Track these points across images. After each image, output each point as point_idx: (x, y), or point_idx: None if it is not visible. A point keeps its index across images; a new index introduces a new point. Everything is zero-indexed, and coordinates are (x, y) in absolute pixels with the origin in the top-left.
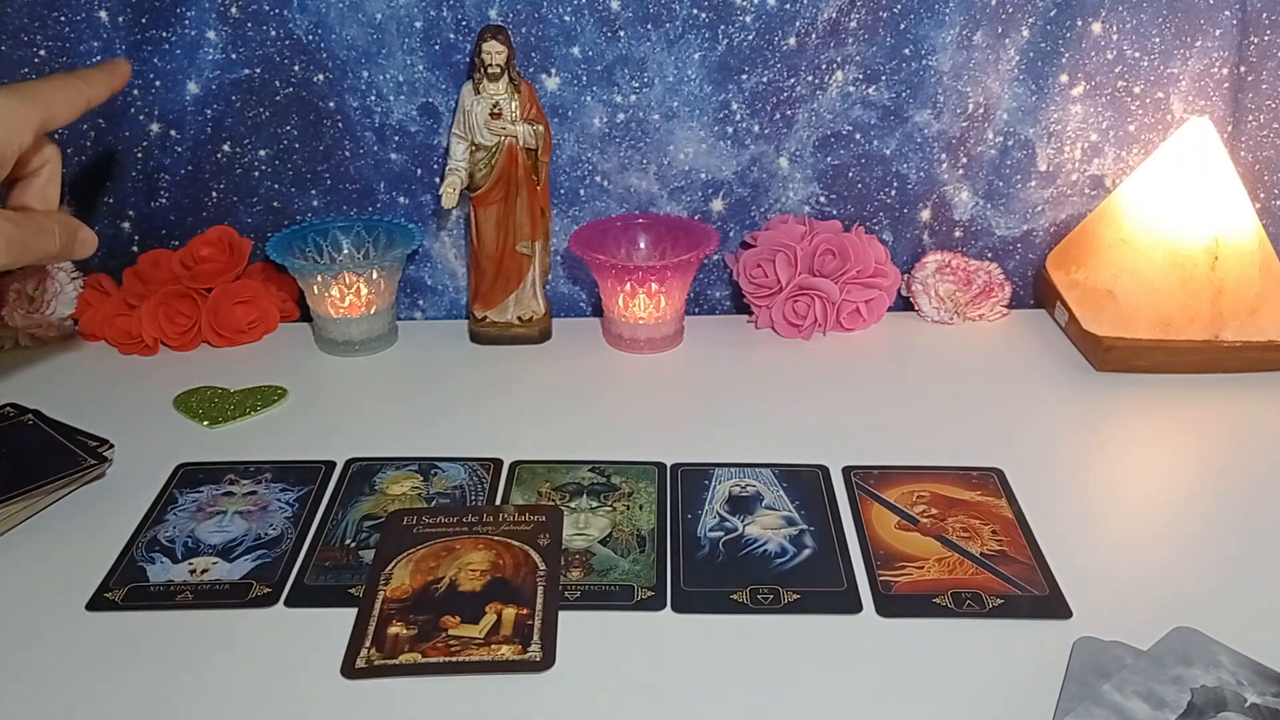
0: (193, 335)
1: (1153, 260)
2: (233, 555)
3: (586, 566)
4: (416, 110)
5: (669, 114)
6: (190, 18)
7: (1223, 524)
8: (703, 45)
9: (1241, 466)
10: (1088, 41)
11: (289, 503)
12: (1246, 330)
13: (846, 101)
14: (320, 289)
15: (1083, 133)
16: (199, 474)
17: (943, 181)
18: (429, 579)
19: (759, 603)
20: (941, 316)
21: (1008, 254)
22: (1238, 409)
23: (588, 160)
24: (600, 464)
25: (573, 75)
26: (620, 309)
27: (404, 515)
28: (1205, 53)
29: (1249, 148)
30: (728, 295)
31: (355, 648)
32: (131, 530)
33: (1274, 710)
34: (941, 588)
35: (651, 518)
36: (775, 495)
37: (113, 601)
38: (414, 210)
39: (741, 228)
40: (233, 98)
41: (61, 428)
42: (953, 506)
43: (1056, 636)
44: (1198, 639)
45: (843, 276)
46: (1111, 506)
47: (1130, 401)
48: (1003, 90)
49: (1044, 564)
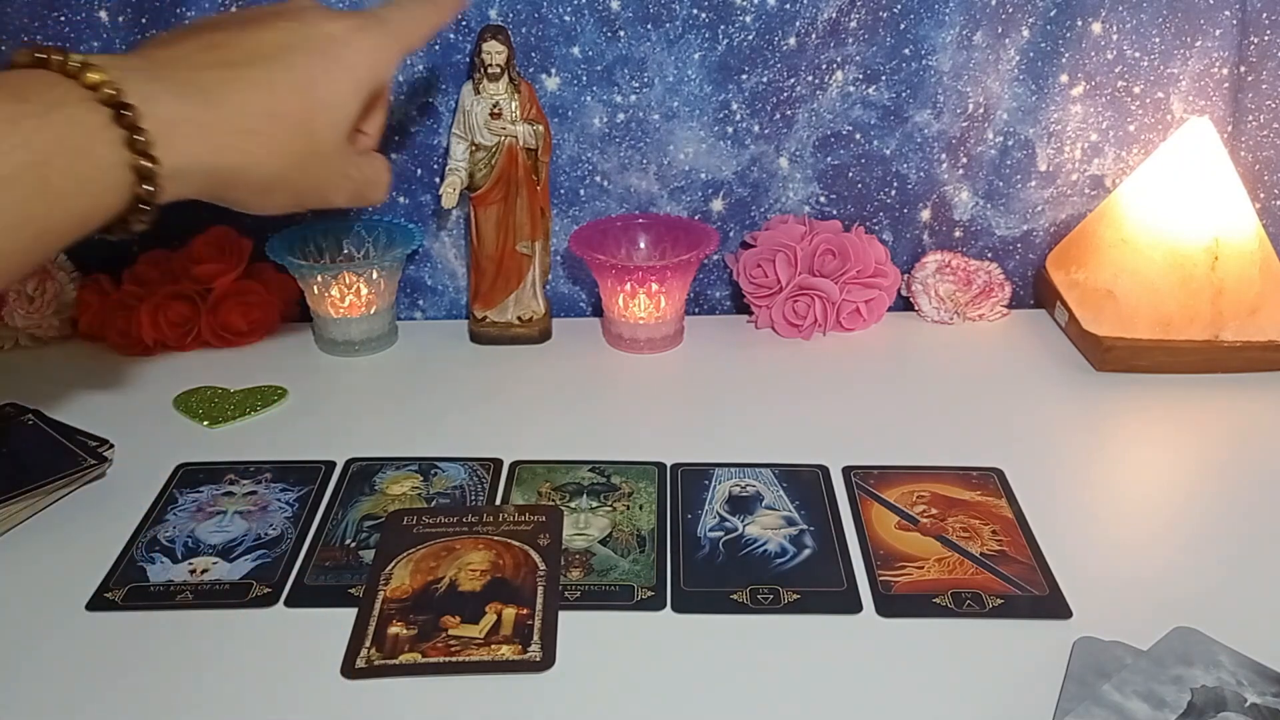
0: (192, 336)
1: (1153, 260)
2: (233, 555)
3: (586, 566)
4: (416, 110)
5: (669, 114)
6: (190, 18)
7: (1223, 524)
8: (703, 45)
9: (1241, 466)
10: (1088, 41)
11: (289, 503)
12: (1246, 330)
13: (846, 101)
14: (320, 289)
15: (1083, 133)
16: (199, 474)
17: (943, 181)
18: (429, 579)
19: (759, 603)
20: (941, 316)
21: (1008, 254)
22: (1238, 409)
23: (588, 160)
24: (600, 464)
25: (573, 75)
26: (620, 309)
27: (404, 515)
28: (1205, 53)
29: (1249, 148)
30: (728, 295)
31: (355, 648)
32: (131, 530)
33: (1274, 710)
34: (941, 588)
35: (651, 518)
36: (775, 495)
37: (113, 601)
38: (414, 210)
39: (741, 228)
40: None
41: (61, 428)
42: (953, 506)
43: (1056, 636)
44: (1198, 639)
45: (843, 276)
46: (1111, 506)
47: (1130, 401)
48: (1003, 90)
49: (1044, 564)
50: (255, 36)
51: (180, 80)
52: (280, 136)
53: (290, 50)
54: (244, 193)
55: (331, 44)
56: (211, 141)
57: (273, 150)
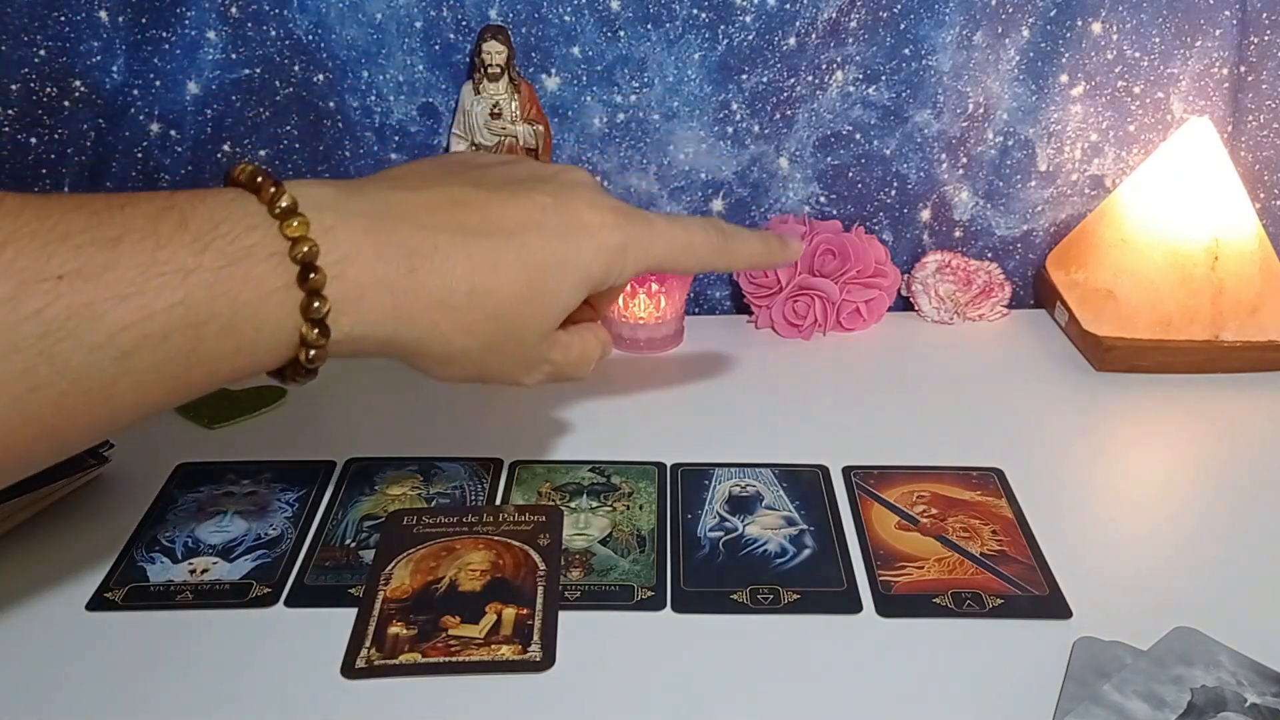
0: None
1: (1153, 260)
2: (233, 555)
3: (586, 566)
4: (416, 110)
5: (669, 114)
6: (190, 18)
7: (1223, 524)
8: (703, 45)
9: (1241, 466)
10: (1088, 41)
11: (289, 503)
12: (1246, 330)
13: (846, 101)
14: None
15: (1083, 133)
16: (199, 474)
17: (943, 181)
18: (429, 579)
19: (759, 603)
20: (941, 316)
21: (1008, 254)
22: (1238, 409)
23: (588, 160)
24: (600, 464)
25: (573, 75)
26: (620, 309)
27: (404, 515)
28: (1205, 53)
29: (1249, 148)
30: (728, 295)
31: (355, 648)
32: (131, 530)
33: (1274, 710)
34: (941, 588)
35: (651, 518)
36: (775, 495)
37: (113, 601)
38: None
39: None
40: (233, 98)
41: None
42: (953, 506)
43: (1056, 636)
44: (1198, 639)
45: (843, 276)
46: (1111, 506)
47: (1130, 401)
48: (1003, 90)
49: (1044, 564)
50: (507, 208)
51: (398, 239)
52: (477, 317)
53: (530, 230)
54: (425, 361)
55: (577, 234)
56: (401, 311)
57: (464, 329)
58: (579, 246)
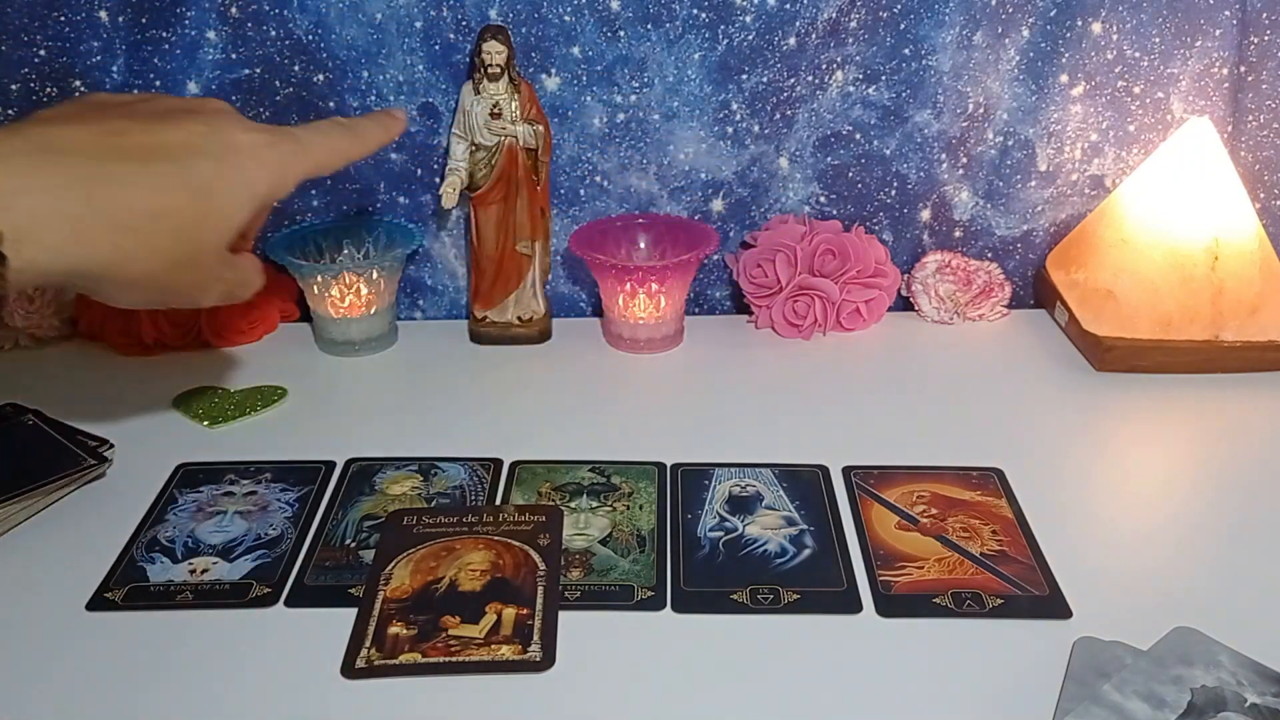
0: (192, 336)
1: (1153, 260)
2: (233, 555)
3: (586, 566)
4: (416, 110)
5: (669, 114)
6: (190, 18)
7: (1223, 524)
8: (703, 45)
9: (1241, 466)
10: (1088, 41)
11: (289, 503)
12: (1246, 330)
13: (846, 101)
14: (320, 289)
15: (1083, 133)
16: (199, 474)
17: (943, 181)
18: (429, 579)
19: (759, 603)
20: (941, 316)
21: (1008, 254)
22: (1238, 409)
23: (588, 160)
24: (600, 464)
25: (573, 75)
26: (620, 309)
27: (404, 515)
28: (1205, 53)
29: (1249, 148)
30: (728, 295)
31: (355, 648)
32: (131, 530)
33: (1274, 710)
34: (941, 588)
35: (651, 518)
36: (775, 495)
37: (113, 601)
38: (414, 210)
39: (741, 228)
40: (233, 98)
41: (61, 428)
42: (953, 506)
43: (1056, 636)
44: (1198, 639)
45: (843, 276)
46: (1111, 506)
47: (1130, 401)
48: (1003, 90)
49: (1044, 564)
50: (162, 133)
51: (66, 168)
52: (159, 238)
53: (193, 154)
54: (109, 286)
55: (237, 154)
56: (82, 238)
57: (149, 250)
58: (241, 166)
